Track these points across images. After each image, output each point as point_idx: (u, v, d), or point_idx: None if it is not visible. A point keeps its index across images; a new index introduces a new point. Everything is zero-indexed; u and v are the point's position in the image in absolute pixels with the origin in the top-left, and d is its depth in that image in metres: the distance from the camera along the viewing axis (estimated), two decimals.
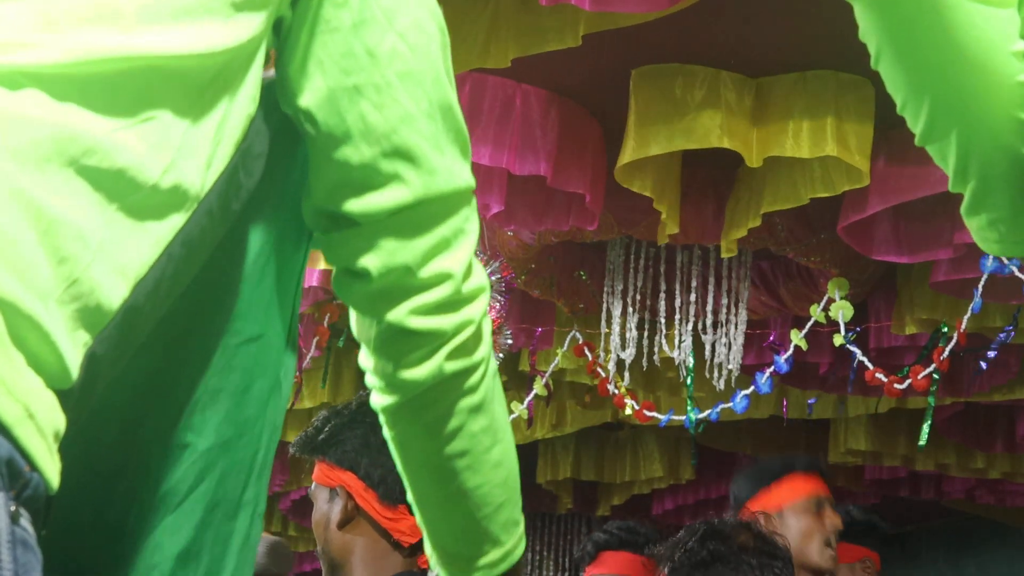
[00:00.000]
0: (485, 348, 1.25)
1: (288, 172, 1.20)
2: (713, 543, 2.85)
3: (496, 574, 1.35)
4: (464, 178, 1.21)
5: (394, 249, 1.18)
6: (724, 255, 4.67)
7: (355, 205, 1.17)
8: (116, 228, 0.95)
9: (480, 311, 1.24)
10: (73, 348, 0.91)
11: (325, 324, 5.65)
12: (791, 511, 3.76)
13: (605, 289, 5.12)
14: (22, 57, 0.92)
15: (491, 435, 1.28)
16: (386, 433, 1.31)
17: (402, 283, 1.19)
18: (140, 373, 1.08)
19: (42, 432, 0.87)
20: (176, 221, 1.01)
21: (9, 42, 0.92)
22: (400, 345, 1.22)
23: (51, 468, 0.88)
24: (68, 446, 0.94)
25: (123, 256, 0.96)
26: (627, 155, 4.07)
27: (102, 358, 0.96)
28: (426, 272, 1.19)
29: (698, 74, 4.06)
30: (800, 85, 4.06)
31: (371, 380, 1.28)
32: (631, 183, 4.19)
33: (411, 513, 2.39)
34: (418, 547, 2.41)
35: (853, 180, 4.13)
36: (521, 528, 1.36)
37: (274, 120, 1.16)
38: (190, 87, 1.01)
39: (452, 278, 1.20)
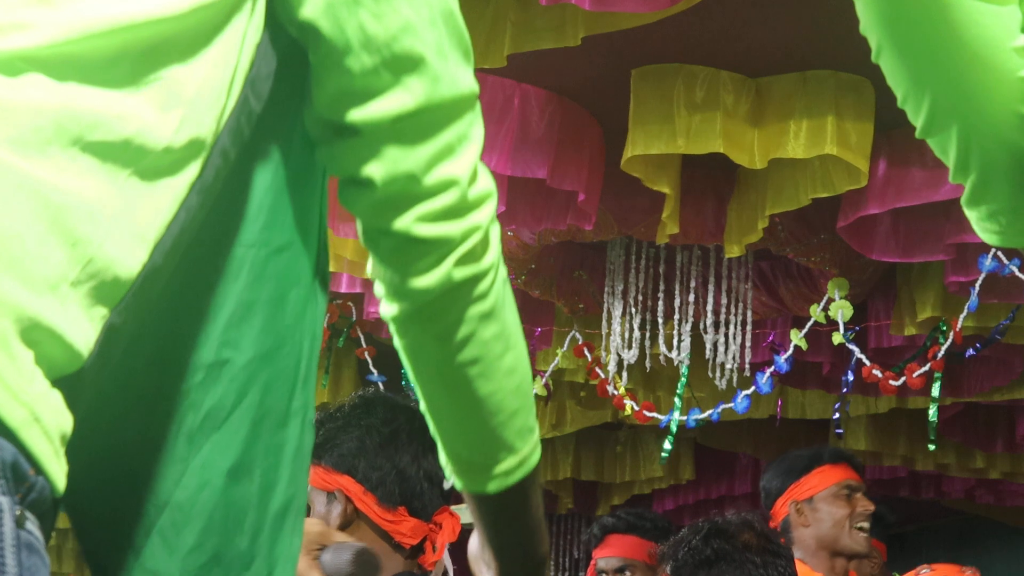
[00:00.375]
0: (494, 254, 1.24)
1: (301, 86, 1.19)
2: (717, 541, 2.85)
3: (512, 482, 1.33)
4: (467, 84, 1.21)
5: (397, 157, 1.17)
6: (730, 256, 4.67)
7: (357, 114, 1.16)
8: (131, 194, 0.95)
9: (488, 217, 1.22)
10: (89, 327, 0.91)
11: (325, 324, 5.65)
12: (821, 499, 3.83)
13: (605, 289, 5.12)
14: (19, 40, 0.91)
15: (503, 342, 1.26)
16: (396, 342, 1.29)
17: (407, 191, 1.17)
18: (170, 295, 1.07)
19: (48, 435, 0.87)
20: (192, 171, 1.01)
21: (4, 24, 0.92)
22: (407, 253, 1.20)
23: (57, 471, 0.88)
24: (103, 373, 0.95)
25: (140, 220, 0.96)
26: (626, 156, 4.07)
27: (121, 327, 0.97)
28: (431, 179, 1.17)
29: (698, 74, 4.06)
30: (800, 85, 4.06)
31: (379, 289, 1.26)
32: (645, 178, 4.19)
33: (411, 515, 2.39)
34: (419, 548, 2.40)
35: (853, 180, 4.13)
36: (536, 435, 1.34)
37: (281, 40, 1.16)
38: (195, 38, 1.01)
39: (458, 184, 1.19)
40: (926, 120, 1.47)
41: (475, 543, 1.42)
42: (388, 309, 1.26)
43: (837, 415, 5.41)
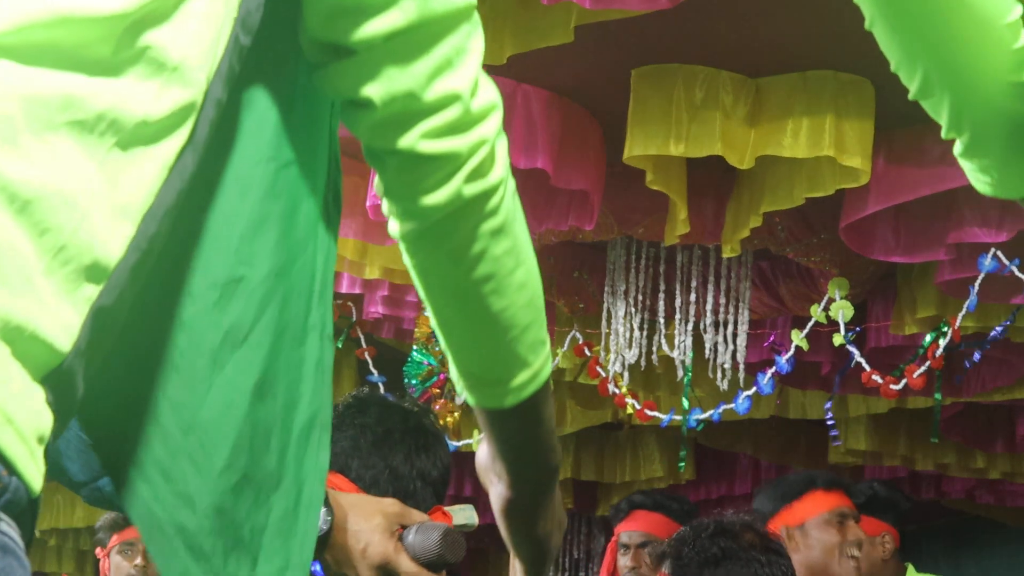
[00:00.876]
0: (503, 168, 1.22)
1: (293, 9, 1.18)
2: (724, 540, 2.85)
3: (525, 396, 1.31)
4: None
5: (394, 75, 1.15)
6: (727, 255, 4.67)
7: (349, 33, 1.14)
8: (112, 169, 0.94)
9: (494, 129, 1.20)
10: (70, 314, 0.91)
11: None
12: (813, 525, 3.82)
13: (605, 289, 5.12)
14: None
15: (514, 257, 1.25)
16: (406, 261, 1.28)
17: (408, 109, 1.16)
18: (180, 222, 1.07)
19: (22, 437, 0.86)
20: (182, 135, 1.00)
21: None
22: (415, 172, 1.19)
23: (33, 472, 0.88)
24: (117, 295, 0.95)
25: (124, 194, 0.95)
26: (625, 156, 4.07)
27: (113, 307, 0.96)
28: (431, 95, 1.15)
29: (698, 74, 4.06)
30: (800, 85, 4.07)
31: (387, 209, 1.25)
32: (649, 178, 4.19)
33: None
34: None
35: (852, 179, 4.13)
36: (547, 348, 1.33)
37: None
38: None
39: (459, 98, 1.17)
40: (919, 88, 1.50)
41: (484, 455, 1.40)
42: (397, 228, 1.24)
43: (831, 420, 5.42)
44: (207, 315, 1.11)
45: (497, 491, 1.39)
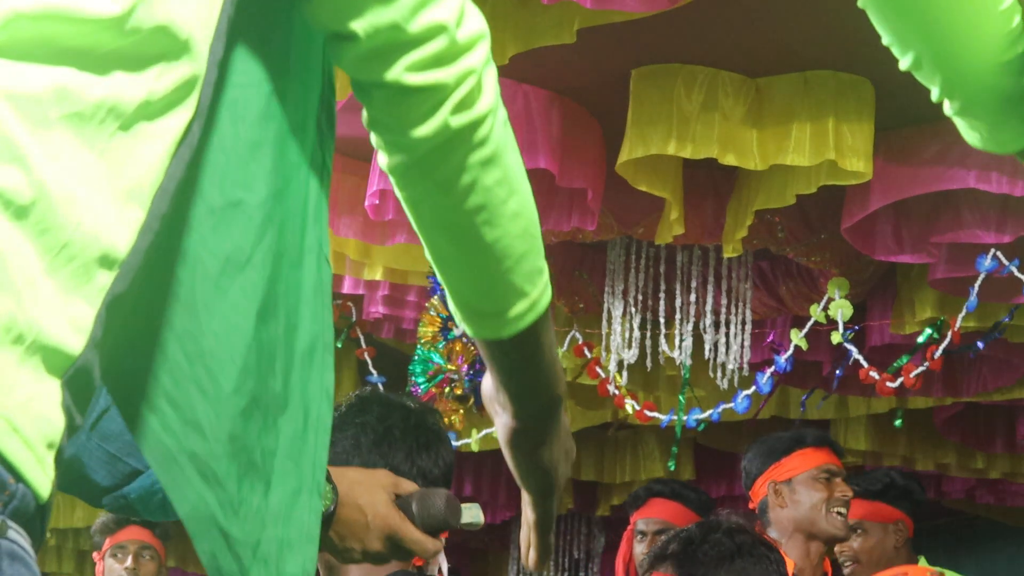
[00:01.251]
0: (491, 98, 1.20)
1: None
2: (740, 536, 2.86)
3: (524, 326, 1.30)
4: None
5: (378, 7, 1.13)
6: (727, 255, 4.67)
7: None
8: (117, 153, 0.93)
9: (481, 60, 1.19)
10: (82, 307, 0.90)
11: None
12: (800, 481, 3.83)
13: (605, 289, 5.12)
14: None
15: (506, 187, 1.24)
16: (397, 193, 1.27)
17: (392, 41, 1.15)
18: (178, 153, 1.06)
19: (28, 444, 0.86)
20: (190, 104, 1.00)
21: None
22: (401, 104, 1.18)
23: (40, 478, 0.88)
24: (132, 276, 0.95)
25: (131, 178, 0.95)
26: (624, 155, 4.07)
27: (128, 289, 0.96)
28: (415, 27, 1.14)
29: (698, 74, 4.06)
30: (800, 85, 4.07)
31: (375, 141, 1.24)
32: (637, 182, 4.19)
33: None
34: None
35: (853, 178, 4.13)
36: (546, 276, 1.31)
37: None
38: None
39: (444, 29, 1.15)
40: (910, 64, 1.53)
41: (489, 385, 1.38)
42: (386, 160, 1.23)
43: (804, 407, 5.44)
44: (207, 242, 1.11)
45: (502, 421, 1.38)
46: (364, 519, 1.88)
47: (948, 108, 1.56)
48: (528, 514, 1.43)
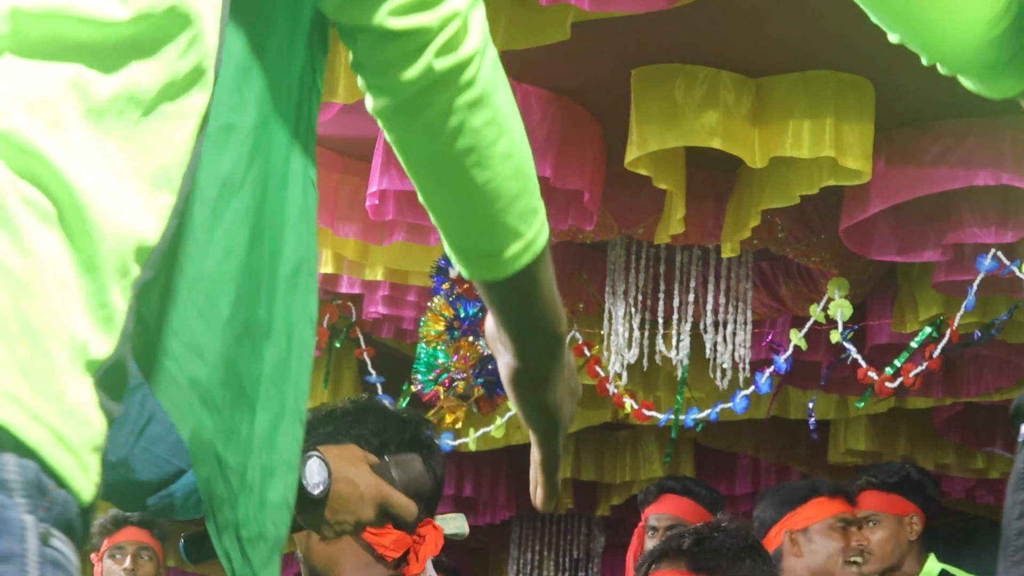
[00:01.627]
0: (477, 39, 1.19)
1: None
2: (752, 535, 2.88)
3: (520, 266, 1.28)
4: None
5: None
6: (727, 255, 4.67)
7: None
8: (142, 139, 0.93)
9: (466, 2, 1.18)
10: (119, 300, 0.90)
11: (324, 325, 5.65)
12: (816, 530, 3.86)
13: (606, 289, 5.12)
14: None
15: (495, 128, 1.22)
16: (386, 136, 1.25)
17: None
18: None
19: (72, 451, 0.86)
20: (208, 82, 0.99)
21: None
22: (384, 48, 1.17)
23: (84, 484, 0.88)
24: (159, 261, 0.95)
25: (160, 160, 0.94)
26: (631, 155, 4.07)
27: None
28: None
29: (698, 74, 4.06)
30: (800, 85, 4.07)
31: (361, 84, 1.22)
32: (653, 176, 4.19)
33: (396, 528, 2.38)
34: (402, 559, 2.40)
35: (853, 178, 4.13)
36: (541, 215, 1.29)
37: None
38: None
39: None
40: (898, 41, 1.52)
41: (490, 324, 1.37)
42: (372, 104, 1.23)
43: (812, 417, 5.44)
44: (204, 165, 1.11)
45: (504, 360, 1.36)
46: (357, 490, 1.90)
47: (940, 69, 1.58)
48: (535, 454, 1.41)
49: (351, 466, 1.91)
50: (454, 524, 2.53)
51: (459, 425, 4.83)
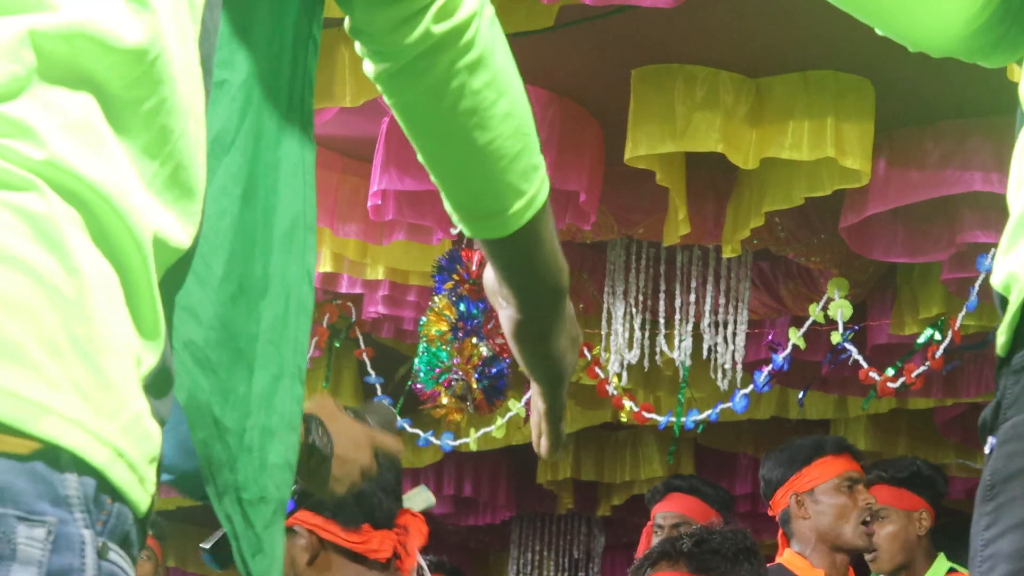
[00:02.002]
0: (474, 1, 1.20)
1: None
2: (747, 538, 2.87)
3: (522, 222, 1.29)
4: None
5: None
6: (727, 255, 4.66)
7: None
8: (169, 150, 0.92)
9: None
10: (159, 314, 0.90)
11: (324, 324, 5.65)
12: (823, 491, 3.80)
13: (605, 289, 5.12)
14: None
15: (495, 89, 1.22)
16: (386, 99, 1.25)
17: None
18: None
19: (132, 466, 0.87)
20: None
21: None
22: (383, 14, 1.17)
23: (140, 496, 0.88)
24: None
25: (185, 166, 0.93)
26: (628, 155, 4.07)
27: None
28: None
29: (698, 74, 4.06)
30: (800, 85, 4.06)
31: (360, 50, 1.22)
32: (653, 172, 4.19)
33: (375, 528, 2.37)
34: (394, 556, 2.40)
35: (852, 179, 4.13)
36: (542, 171, 1.31)
37: None
38: None
39: None
40: (882, 34, 1.52)
41: (491, 278, 1.37)
42: (372, 68, 1.22)
43: (802, 395, 5.45)
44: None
45: (507, 314, 1.37)
46: (355, 441, 1.91)
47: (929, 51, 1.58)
48: (539, 404, 1.41)
49: (336, 421, 1.92)
50: (420, 499, 2.53)
51: (458, 419, 4.81)
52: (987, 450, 1.19)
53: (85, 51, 0.88)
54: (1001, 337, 1.20)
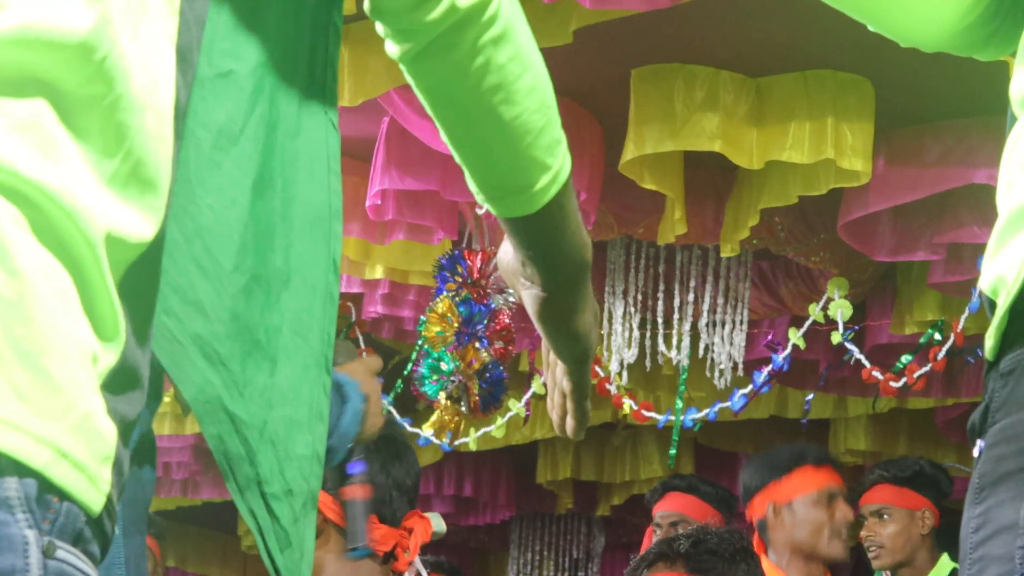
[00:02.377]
0: None
1: None
2: (744, 539, 2.86)
3: (549, 198, 1.28)
4: None
5: None
6: (726, 255, 4.66)
7: None
8: (125, 140, 0.91)
9: None
10: (116, 310, 0.89)
11: None
12: (802, 502, 3.70)
13: (605, 289, 5.12)
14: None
15: (519, 63, 1.22)
16: (410, 82, 1.23)
17: None
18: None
19: (78, 466, 0.86)
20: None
21: None
22: None
23: (91, 496, 0.87)
24: None
25: (145, 157, 0.92)
26: (627, 155, 4.07)
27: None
28: None
29: (698, 74, 4.06)
30: (800, 85, 4.06)
31: (383, 31, 1.20)
32: (643, 180, 4.19)
33: (382, 522, 2.38)
34: (391, 554, 2.40)
35: (851, 179, 4.13)
36: (564, 144, 1.31)
37: None
38: None
39: None
40: (873, 29, 1.52)
41: (509, 260, 1.36)
42: (396, 50, 1.20)
43: (805, 419, 5.44)
44: (198, 114, 1.09)
45: (531, 294, 1.35)
46: (374, 385, 1.88)
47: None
48: (564, 384, 1.40)
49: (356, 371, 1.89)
50: (436, 522, 2.54)
51: (452, 428, 4.80)
52: (975, 453, 1.20)
53: (33, 52, 0.86)
54: (989, 341, 1.20)
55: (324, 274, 1.19)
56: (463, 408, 4.60)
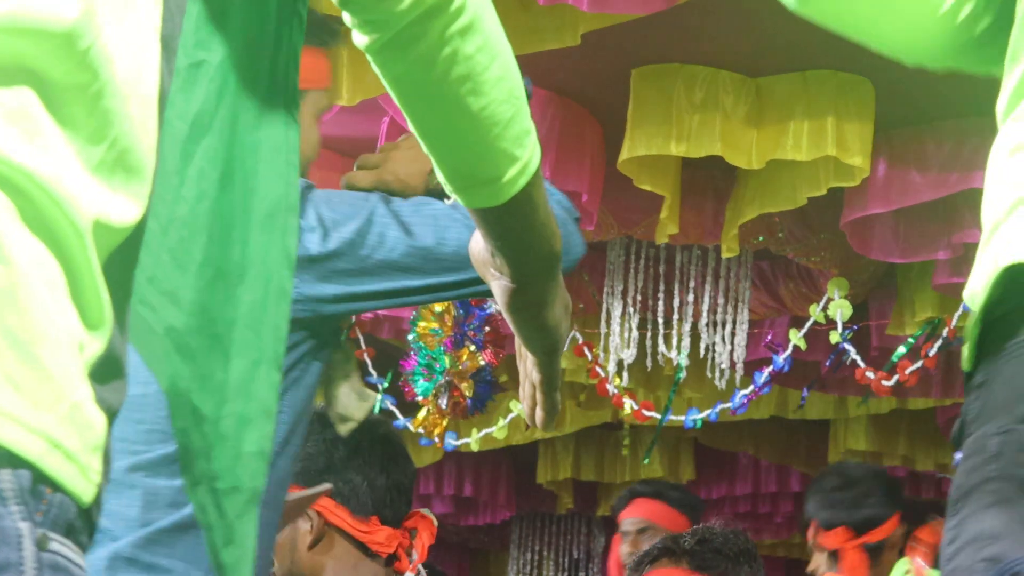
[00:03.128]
0: None
1: None
2: (748, 539, 2.87)
3: (517, 189, 1.28)
4: None
5: None
6: (725, 255, 4.66)
7: None
8: (111, 128, 0.90)
9: None
10: (104, 298, 0.89)
11: None
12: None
13: (605, 289, 5.12)
14: None
15: (487, 53, 1.20)
16: (377, 72, 1.23)
17: None
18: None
19: (70, 456, 0.85)
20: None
21: None
22: None
23: (82, 486, 0.87)
24: None
25: (131, 145, 0.92)
26: (625, 155, 4.07)
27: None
28: None
29: (698, 74, 4.06)
30: (800, 85, 4.06)
31: (350, 21, 1.20)
32: (640, 180, 4.19)
33: (383, 524, 2.38)
34: (393, 556, 2.41)
35: (851, 178, 4.13)
36: (533, 135, 1.29)
37: None
38: None
39: None
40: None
41: (480, 250, 1.36)
42: (363, 40, 1.20)
43: (804, 402, 5.45)
44: (175, 104, 1.09)
45: (500, 285, 1.35)
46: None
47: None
48: (533, 375, 1.41)
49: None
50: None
51: (439, 430, 4.79)
52: (954, 464, 1.21)
53: (20, 40, 0.86)
54: (964, 352, 1.21)
55: (278, 268, 1.18)
56: (445, 407, 4.59)
